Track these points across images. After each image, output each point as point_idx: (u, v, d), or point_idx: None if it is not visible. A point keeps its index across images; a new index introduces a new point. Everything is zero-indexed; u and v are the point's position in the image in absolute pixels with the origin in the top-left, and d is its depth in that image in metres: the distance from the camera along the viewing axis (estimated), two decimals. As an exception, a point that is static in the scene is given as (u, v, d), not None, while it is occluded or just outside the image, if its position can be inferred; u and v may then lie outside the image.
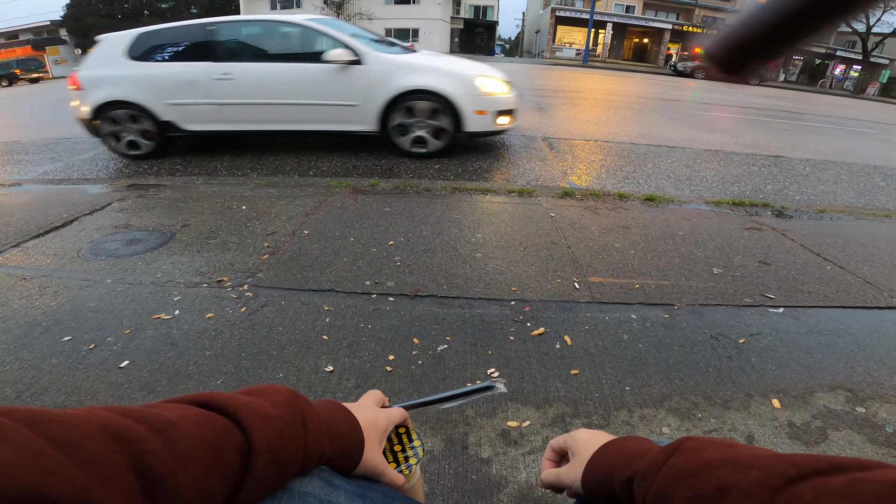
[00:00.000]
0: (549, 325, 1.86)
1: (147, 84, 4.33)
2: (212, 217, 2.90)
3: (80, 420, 0.31)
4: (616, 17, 34.01)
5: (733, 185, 4.18)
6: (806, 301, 2.11)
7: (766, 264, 2.46)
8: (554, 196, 3.40)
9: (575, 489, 0.54)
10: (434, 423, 1.36)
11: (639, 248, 2.57)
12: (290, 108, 4.28)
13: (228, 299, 1.99)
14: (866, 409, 1.48)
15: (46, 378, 1.52)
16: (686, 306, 2.03)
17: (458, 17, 39.33)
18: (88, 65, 4.54)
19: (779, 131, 7.52)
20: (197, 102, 4.31)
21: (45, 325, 1.81)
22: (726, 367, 1.65)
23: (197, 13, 40.50)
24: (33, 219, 2.91)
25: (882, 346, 1.81)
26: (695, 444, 0.41)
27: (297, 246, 2.49)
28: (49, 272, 2.22)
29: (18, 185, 3.72)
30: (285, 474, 0.42)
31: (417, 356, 1.66)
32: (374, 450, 0.53)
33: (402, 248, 2.47)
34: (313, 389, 1.49)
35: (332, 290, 2.07)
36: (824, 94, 23.62)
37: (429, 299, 2.01)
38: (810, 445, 1.33)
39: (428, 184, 3.59)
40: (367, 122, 4.24)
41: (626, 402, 1.47)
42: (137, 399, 1.44)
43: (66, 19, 35.69)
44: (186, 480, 0.33)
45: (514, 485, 1.18)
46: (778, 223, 3.10)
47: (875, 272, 2.43)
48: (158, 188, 3.54)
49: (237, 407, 0.40)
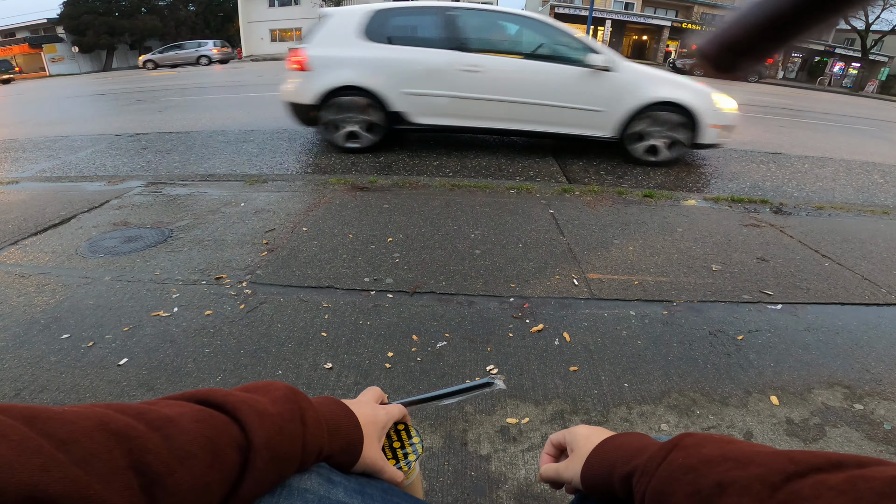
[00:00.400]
0: (548, 321, 1.86)
1: (384, 69, 3.96)
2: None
3: (78, 417, 0.31)
4: (615, 13, 33.91)
5: (731, 181, 4.19)
6: (804, 298, 2.12)
7: (765, 261, 2.46)
8: (553, 192, 3.40)
9: (574, 484, 0.54)
10: (433, 420, 1.36)
11: (637, 245, 2.57)
12: (533, 108, 4.07)
13: (227, 296, 1.99)
14: (864, 406, 1.48)
15: (45, 376, 1.52)
16: (685, 303, 2.03)
17: (456, 13, 39.25)
18: (317, 43, 4.07)
19: (777, 128, 7.53)
20: (437, 93, 3.99)
21: (44, 322, 1.81)
22: (725, 363, 1.66)
23: (195, 10, 40.35)
24: (31, 216, 2.90)
25: (880, 342, 1.82)
26: (694, 440, 0.41)
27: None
28: (47, 270, 2.22)
29: (16, 183, 3.71)
30: (284, 471, 0.42)
31: (416, 353, 1.66)
32: (374, 446, 0.53)
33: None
34: (312, 386, 1.49)
35: (330, 287, 2.07)
36: (823, 92, 23.61)
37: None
38: (808, 442, 1.34)
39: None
40: (607, 128, 4.15)
41: (624, 399, 1.47)
42: (136, 396, 1.44)
43: (63, 17, 35.42)
44: (185, 477, 0.33)
45: (514, 481, 1.18)
46: (776, 220, 3.10)
47: (873, 269, 2.44)
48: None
49: (236, 404, 0.40)
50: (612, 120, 4.11)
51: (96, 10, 35.49)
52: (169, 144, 5.18)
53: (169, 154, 4.76)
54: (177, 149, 4.97)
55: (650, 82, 4.10)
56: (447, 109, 4.08)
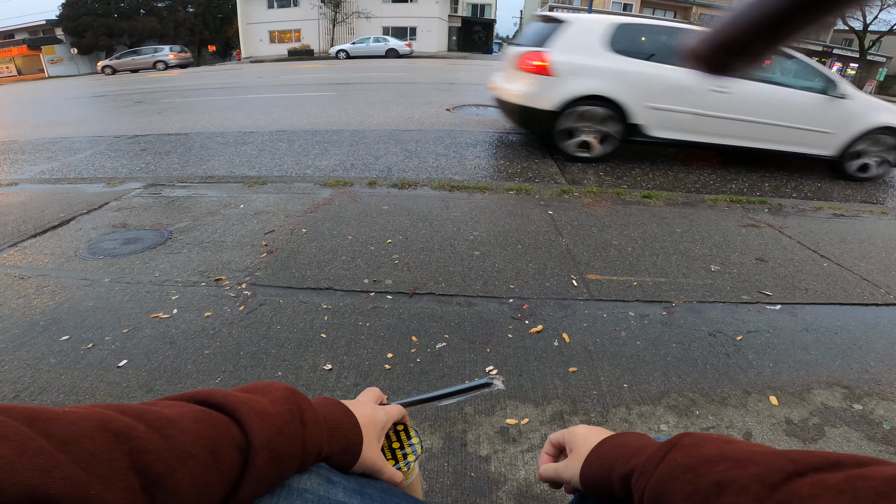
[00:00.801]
0: (547, 322, 1.86)
1: (633, 82, 4.07)
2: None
3: (78, 418, 0.31)
4: (614, 15, 34.02)
5: (730, 182, 4.20)
6: (803, 298, 2.12)
7: (764, 261, 2.46)
8: (552, 194, 3.40)
9: (573, 484, 0.54)
10: (433, 421, 1.36)
11: (636, 246, 2.57)
12: (769, 127, 4.32)
13: (226, 298, 1.99)
14: (863, 406, 1.48)
15: (45, 377, 1.52)
16: (684, 303, 2.03)
17: (455, 15, 39.24)
18: (562, 49, 4.07)
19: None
20: (680, 109, 4.15)
21: (43, 324, 1.80)
22: (724, 364, 1.66)
23: (193, 11, 40.37)
24: (30, 218, 2.89)
25: (879, 343, 1.82)
26: (693, 439, 0.41)
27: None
28: (47, 271, 2.21)
29: (15, 185, 3.70)
30: (284, 471, 0.42)
31: (416, 354, 1.66)
32: (373, 447, 0.53)
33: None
34: (312, 387, 1.49)
35: (330, 289, 2.07)
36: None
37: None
38: (808, 442, 1.34)
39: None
40: (831, 148, 4.45)
41: (624, 400, 1.47)
42: (136, 398, 1.44)
43: (62, 18, 35.45)
44: (185, 478, 0.33)
45: (513, 482, 1.18)
46: (775, 220, 3.10)
47: (872, 269, 2.44)
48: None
49: (236, 404, 0.40)
50: (837, 141, 4.44)
51: (95, 11, 35.52)
52: (168, 146, 5.18)
53: (168, 156, 4.76)
54: (176, 150, 4.97)
55: (875, 109, 4.45)
56: (685, 125, 4.25)
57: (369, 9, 32.60)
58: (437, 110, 7.06)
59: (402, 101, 8.00)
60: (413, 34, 33.25)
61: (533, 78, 4.16)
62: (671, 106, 4.14)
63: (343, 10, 32.38)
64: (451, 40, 38.98)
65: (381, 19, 32.68)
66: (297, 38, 33.72)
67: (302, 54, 28.80)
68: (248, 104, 8.18)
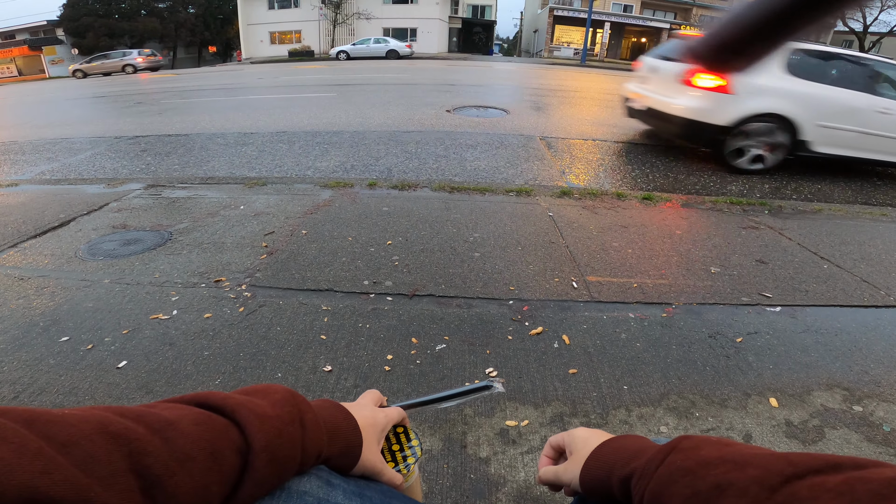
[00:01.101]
0: (547, 324, 1.86)
1: (807, 102, 4.35)
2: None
3: (78, 420, 0.31)
4: (614, 16, 33.99)
5: (730, 184, 4.20)
6: (803, 300, 2.12)
7: (764, 263, 2.46)
8: (552, 195, 3.40)
9: (573, 487, 0.54)
10: (432, 423, 1.36)
11: (636, 247, 2.58)
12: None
13: (226, 299, 1.99)
14: (863, 407, 1.48)
15: (44, 378, 1.52)
16: (684, 305, 2.03)
17: (456, 16, 39.29)
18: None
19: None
20: (846, 128, 4.42)
21: (43, 325, 1.80)
22: (724, 365, 1.66)
23: (194, 12, 40.41)
24: (31, 219, 2.90)
25: (879, 344, 1.82)
26: (692, 442, 0.41)
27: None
28: (46, 272, 2.21)
29: (15, 186, 3.71)
30: (283, 474, 0.42)
31: (416, 356, 1.66)
32: (373, 449, 0.53)
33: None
34: (311, 389, 1.49)
35: (330, 290, 2.07)
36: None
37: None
38: (807, 444, 1.34)
39: None
40: None
41: (624, 401, 1.47)
42: (135, 399, 1.44)
43: (63, 19, 35.49)
44: (185, 480, 0.33)
45: (513, 484, 1.18)
46: (775, 222, 3.11)
47: (871, 271, 2.44)
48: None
49: (235, 406, 0.40)
50: None
51: (96, 12, 35.55)
52: (168, 147, 5.18)
53: (168, 157, 4.76)
54: (176, 151, 4.97)
55: None
56: (849, 142, 4.52)
57: (370, 10, 32.64)
58: (437, 112, 7.06)
59: (403, 103, 8.01)
60: (413, 35, 33.29)
61: (703, 94, 4.40)
62: (840, 125, 4.42)
63: (343, 12, 32.42)
64: (452, 41, 39.02)
65: (381, 20, 32.71)
66: (298, 39, 33.74)
67: (302, 55, 28.80)
68: (249, 105, 8.19)
